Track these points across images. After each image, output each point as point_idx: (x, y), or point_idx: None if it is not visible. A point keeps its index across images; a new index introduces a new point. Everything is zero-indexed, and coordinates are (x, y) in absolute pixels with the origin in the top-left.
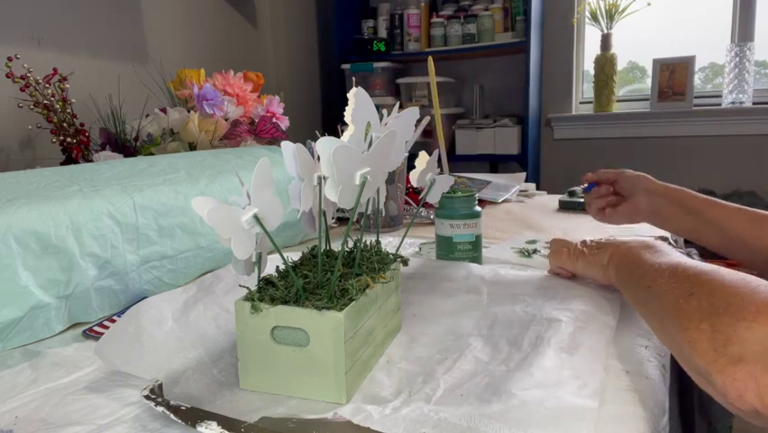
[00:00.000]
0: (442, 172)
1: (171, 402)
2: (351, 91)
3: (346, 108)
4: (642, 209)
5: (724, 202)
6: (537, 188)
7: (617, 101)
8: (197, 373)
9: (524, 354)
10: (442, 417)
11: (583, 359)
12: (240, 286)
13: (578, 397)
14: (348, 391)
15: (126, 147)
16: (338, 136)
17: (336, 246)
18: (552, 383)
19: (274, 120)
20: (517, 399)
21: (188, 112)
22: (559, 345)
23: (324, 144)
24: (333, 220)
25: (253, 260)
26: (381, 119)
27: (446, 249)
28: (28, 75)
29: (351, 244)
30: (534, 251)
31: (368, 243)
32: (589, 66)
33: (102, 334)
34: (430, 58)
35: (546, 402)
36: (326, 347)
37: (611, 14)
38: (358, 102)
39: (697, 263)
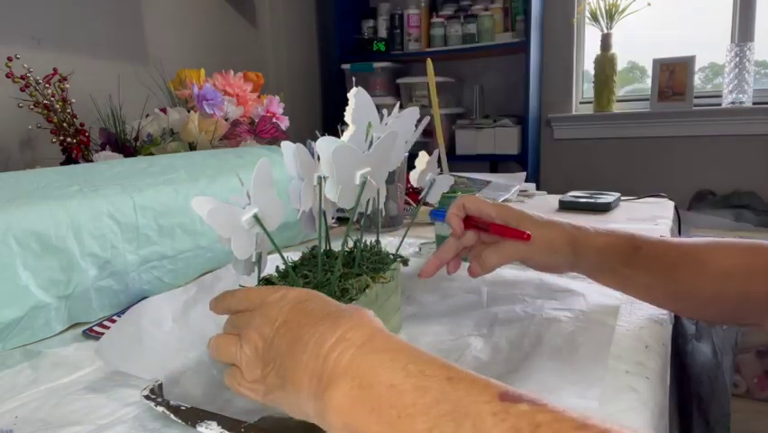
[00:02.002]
0: (441, 172)
1: (171, 402)
2: (351, 91)
3: (346, 108)
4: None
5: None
6: (537, 189)
7: (617, 101)
8: (197, 373)
9: (524, 354)
10: None
11: (583, 359)
12: (240, 286)
13: (578, 397)
14: None
15: (126, 147)
16: (338, 136)
17: (336, 246)
18: (552, 384)
19: (274, 120)
20: None
21: (188, 112)
22: (559, 345)
23: (324, 144)
24: (334, 220)
25: (253, 260)
26: (381, 119)
27: None
28: (28, 75)
29: (351, 244)
30: None
31: (368, 243)
32: (589, 66)
33: (102, 334)
34: (429, 60)
35: None
36: None
37: (611, 14)
38: (358, 102)
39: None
